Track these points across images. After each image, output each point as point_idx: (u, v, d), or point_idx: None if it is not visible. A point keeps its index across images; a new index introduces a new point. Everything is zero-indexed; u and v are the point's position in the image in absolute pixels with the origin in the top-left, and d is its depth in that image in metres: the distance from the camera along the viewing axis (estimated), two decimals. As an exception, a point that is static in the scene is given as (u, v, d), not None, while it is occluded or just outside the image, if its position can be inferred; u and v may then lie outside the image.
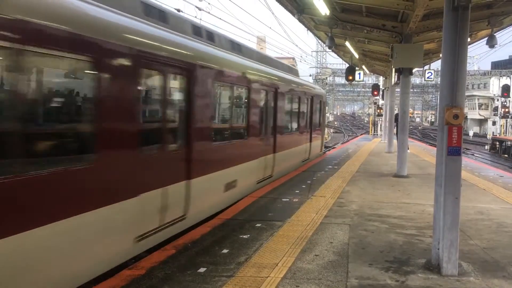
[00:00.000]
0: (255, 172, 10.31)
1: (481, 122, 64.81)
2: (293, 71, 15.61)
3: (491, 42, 14.65)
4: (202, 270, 5.36)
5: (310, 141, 16.23)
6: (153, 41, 6.09)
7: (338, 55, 25.32)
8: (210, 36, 8.60)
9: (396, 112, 19.79)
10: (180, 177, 6.72)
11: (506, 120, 50.77)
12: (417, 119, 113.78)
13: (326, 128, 21.57)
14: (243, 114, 9.93)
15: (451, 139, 5.39)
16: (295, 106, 14.09)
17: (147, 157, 5.90)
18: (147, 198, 5.81)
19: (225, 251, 6.06)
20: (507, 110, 49.85)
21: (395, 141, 17.79)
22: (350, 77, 21.01)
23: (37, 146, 4.41)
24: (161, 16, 6.95)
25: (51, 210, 4.31)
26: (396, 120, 17.27)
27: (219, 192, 8.32)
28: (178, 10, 13.57)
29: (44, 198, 4.22)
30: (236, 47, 9.90)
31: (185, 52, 6.96)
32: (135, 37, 5.65)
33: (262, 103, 10.75)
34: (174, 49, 6.68)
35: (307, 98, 15.57)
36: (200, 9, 16.91)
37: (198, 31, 8.18)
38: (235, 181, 8.95)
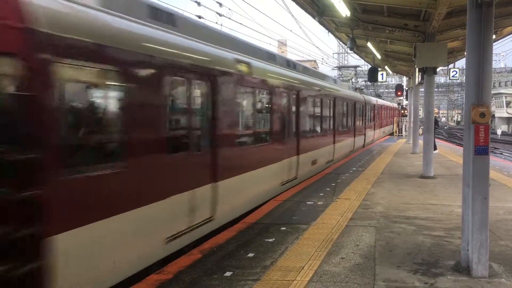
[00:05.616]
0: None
1: (509, 120, 63.22)
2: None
3: (518, 38, 14.33)
4: (228, 274, 5.39)
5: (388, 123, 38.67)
6: None
7: (360, 56, 25.12)
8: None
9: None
10: None
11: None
12: (443, 119, 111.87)
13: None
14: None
15: (478, 138, 5.30)
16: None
17: None
18: None
19: (250, 255, 6.07)
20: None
21: (420, 142, 17.55)
22: (373, 78, 20.81)
23: None
24: None
25: None
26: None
27: None
28: (199, 17, 13.72)
29: None
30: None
31: None
32: None
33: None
34: None
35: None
36: (221, 15, 17.04)
37: None
38: None
